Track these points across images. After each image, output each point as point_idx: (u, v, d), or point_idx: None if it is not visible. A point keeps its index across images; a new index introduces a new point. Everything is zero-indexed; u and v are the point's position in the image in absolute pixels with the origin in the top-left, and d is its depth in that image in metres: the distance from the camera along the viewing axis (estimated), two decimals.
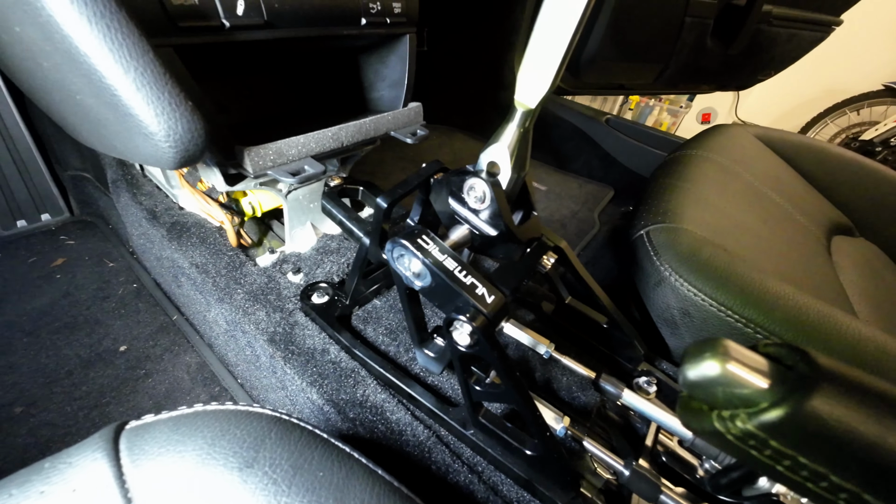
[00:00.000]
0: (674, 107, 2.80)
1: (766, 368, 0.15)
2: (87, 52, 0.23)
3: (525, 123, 0.29)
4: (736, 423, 0.15)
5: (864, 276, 0.66)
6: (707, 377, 0.16)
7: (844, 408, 0.13)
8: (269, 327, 0.43)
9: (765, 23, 1.23)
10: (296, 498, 0.21)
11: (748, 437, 0.15)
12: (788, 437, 0.14)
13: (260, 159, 0.35)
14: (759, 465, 0.15)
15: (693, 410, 0.17)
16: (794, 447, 0.14)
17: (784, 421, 0.14)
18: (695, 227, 0.50)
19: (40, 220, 0.85)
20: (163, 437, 0.23)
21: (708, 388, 0.16)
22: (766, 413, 0.14)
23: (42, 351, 0.65)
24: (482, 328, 0.27)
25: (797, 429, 0.14)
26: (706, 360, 0.16)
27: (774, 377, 0.15)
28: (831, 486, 0.14)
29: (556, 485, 0.32)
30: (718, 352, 0.16)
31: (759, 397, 0.15)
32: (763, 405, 0.14)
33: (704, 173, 0.65)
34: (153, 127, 0.26)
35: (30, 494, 0.19)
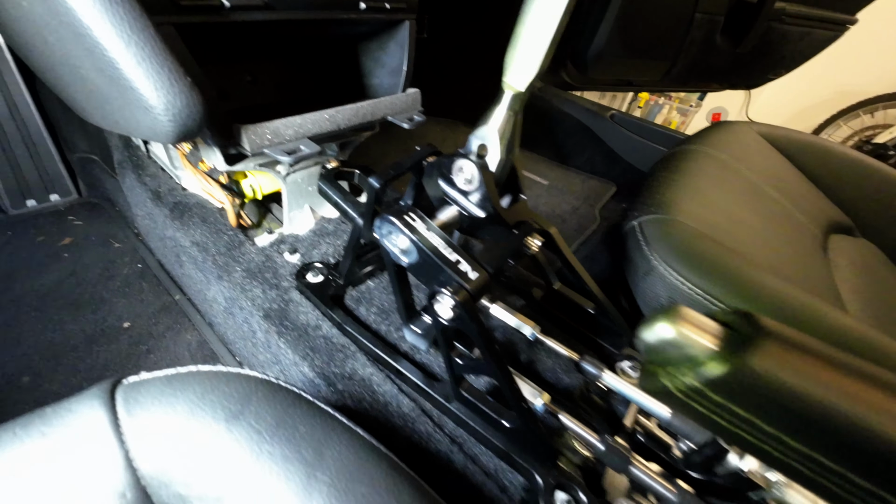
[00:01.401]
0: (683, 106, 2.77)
1: (715, 331, 0.16)
2: (89, 25, 0.24)
3: (514, 107, 0.30)
4: (682, 379, 0.16)
5: (859, 275, 0.66)
6: (661, 339, 0.17)
7: (776, 363, 0.14)
8: (265, 303, 0.45)
9: (777, 20, 1.21)
10: (277, 447, 0.22)
11: (692, 391, 0.16)
12: (725, 390, 0.15)
13: (257, 138, 0.36)
14: (700, 416, 0.16)
15: (648, 373, 0.18)
16: (730, 399, 0.15)
17: (722, 375, 0.15)
18: (687, 219, 0.51)
19: (49, 200, 0.88)
20: (156, 391, 0.24)
21: (662, 349, 0.17)
22: (707, 368, 0.15)
23: (49, 326, 0.67)
24: (463, 302, 0.28)
25: (733, 382, 0.15)
26: (661, 323, 0.17)
27: (720, 338, 0.16)
28: (763, 435, 0.15)
29: (533, 456, 0.33)
30: (673, 316, 0.17)
31: (703, 355, 0.16)
32: (705, 362, 0.15)
33: (702, 168, 0.65)
34: (153, 100, 0.27)
35: (32, 434, 0.21)
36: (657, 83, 1.52)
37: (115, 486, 0.20)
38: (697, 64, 1.35)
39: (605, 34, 1.30)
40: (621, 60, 1.29)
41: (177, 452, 0.21)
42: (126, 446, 0.21)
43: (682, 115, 2.78)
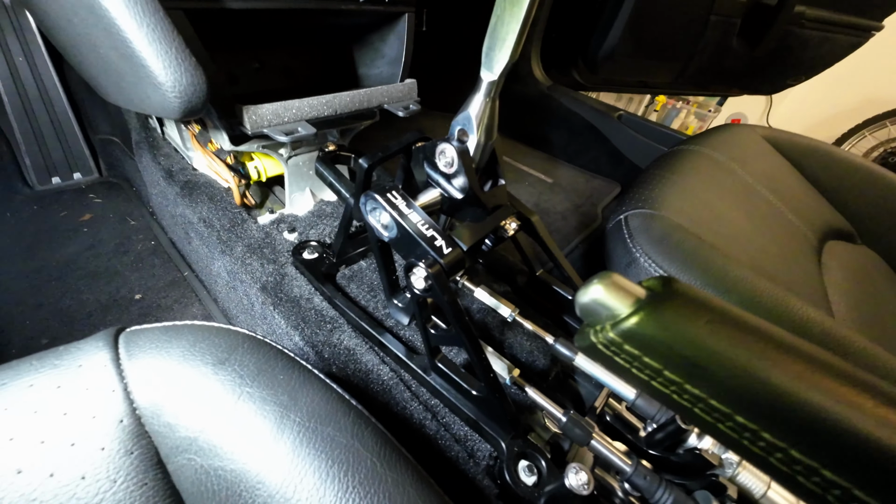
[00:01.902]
0: (702, 111, 2.71)
1: (635, 292, 0.18)
2: (108, 7, 0.27)
3: (490, 93, 0.32)
4: (604, 333, 0.18)
5: (852, 280, 0.66)
6: (592, 299, 0.19)
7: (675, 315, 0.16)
8: (263, 276, 0.48)
9: (796, 24, 1.19)
10: (256, 390, 0.25)
11: (610, 344, 0.18)
12: (636, 341, 0.17)
13: (257, 118, 0.39)
14: (618, 368, 0.18)
15: (581, 332, 0.20)
16: (640, 349, 0.17)
17: (633, 327, 0.17)
18: (671, 214, 0.52)
19: (72, 178, 0.93)
20: (154, 338, 0.27)
21: (592, 308, 0.19)
22: (622, 322, 0.17)
23: (67, 294, 0.72)
24: (436, 274, 0.30)
25: (641, 334, 0.17)
26: (593, 286, 0.19)
27: (638, 297, 0.18)
28: (666, 381, 0.17)
29: (500, 426, 0.35)
30: (603, 280, 0.19)
31: (622, 312, 0.18)
32: (624, 318, 0.17)
33: (696, 167, 0.66)
34: (161, 77, 0.30)
35: (46, 365, 0.24)
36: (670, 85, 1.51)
37: (115, 412, 0.23)
38: (712, 66, 1.33)
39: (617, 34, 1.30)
40: (633, 61, 1.28)
41: (168, 389, 0.24)
42: (125, 381, 0.24)
43: (700, 119, 2.72)
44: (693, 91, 2.11)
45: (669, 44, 1.26)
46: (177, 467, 0.23)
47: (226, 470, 0.22)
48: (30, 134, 0.86)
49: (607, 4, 1.19)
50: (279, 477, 0.22)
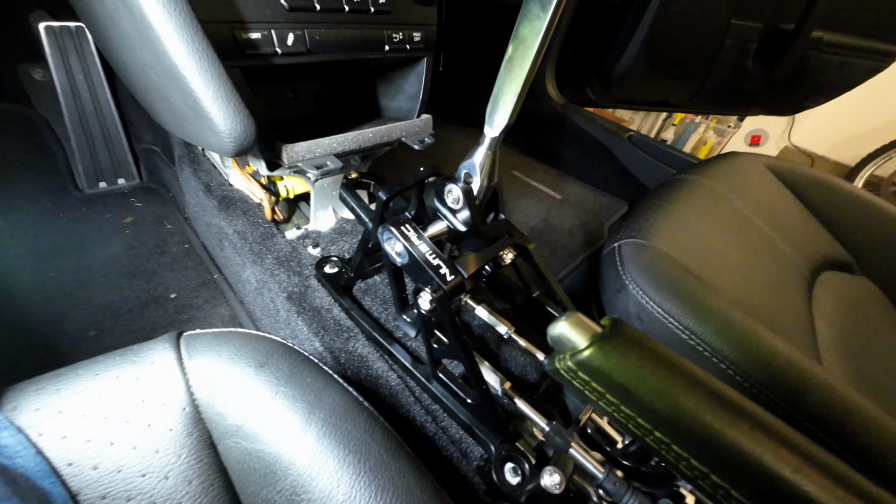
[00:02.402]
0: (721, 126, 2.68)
1: (590, 330, 0.23)
2: (185, 73, 0.34)
3: (492, 146, 0.37)
4: (564, 362, 0.23)
5: (843, 312, 0.69)
6: (559, 333, 0.24)
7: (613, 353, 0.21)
8: (289, 287, 0.54)
9: (813, 49, 1.20)
10: (289, 389, 0.30)
11: (569, 371, 0.23)
12: (586, 370, 0.22)
13: (294, 154, 0.45)
14: (576, 390, 0.23)
15: (550, 358, 0.25)
16: (591, 377, 0.22)
17: (584, 359, 0.22)
18: (663, 245, 0.56)
19: (117, 183, 1.02)
20: (207, 342, 0.33)
21: (559, 341, 0.24)
22: (578, 355, 0.22)
23: (111, 290, 0.80)
24: (440, 298, 0.36)
25: (590, 365, 0.22)
26: (559, 323, 0.24)
27: (595, 335, 0.23)
28: (609, 403, 0.22)
29: (491, 431, 0.40)
30: (568, 319, 0.24)
31: (579, 346, 0.23)
32: (578, 349, 0.23)
33: (691, 197, 0.70)
34: (220, 127, 0.37)
35: (127, 360, 0.30)
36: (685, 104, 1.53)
37: (179, 401, 0.29)
38: (728, 87, 1.35)
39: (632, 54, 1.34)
40: (648, 80, 1.31)
41: (220, 385, 0.30)
42: (187, 377, 0.30)
43: (718, 135, 2.69)
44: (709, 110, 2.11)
45: (684, 65, 1.28)
46: (225, 448, 0.29)
47: (265, 453, 0.28)
48: (83, 143, 0.95)
49: (623, 26, 1.23)
50: (306, 461, 0.27)
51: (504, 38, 0.30)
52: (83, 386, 0.28)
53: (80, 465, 0.25)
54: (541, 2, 0.27)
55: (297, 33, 0.41)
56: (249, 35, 0.39)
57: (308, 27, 0.42)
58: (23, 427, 0.25)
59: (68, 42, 0.87)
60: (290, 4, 0.40)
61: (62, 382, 0.28)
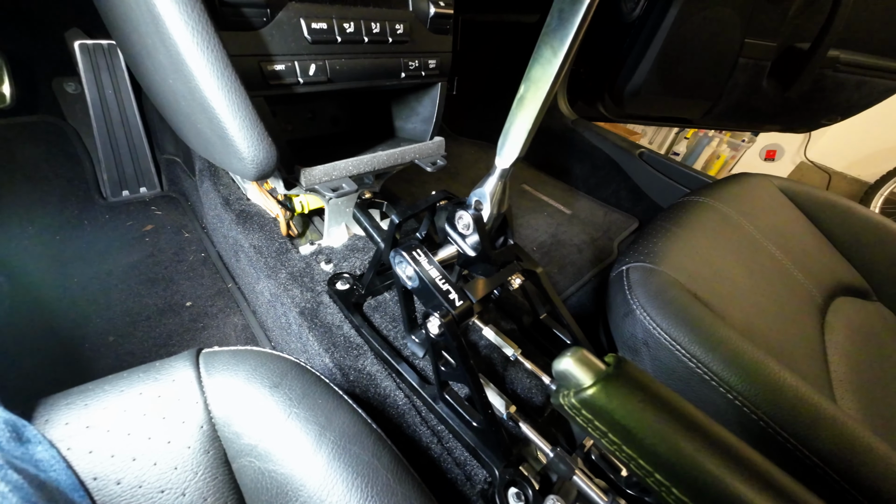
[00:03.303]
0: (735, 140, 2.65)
1: (595, 368, 0.24)
2: (214, 105, 0.36)
3: (503, 177, 0.38)
4: (568, 398, 0.24)
5: (858, 341, 0.68)
6: (563, 369, 0.25)
7: (620, 396, 0.22)
8: (301, 302, 0.55)
9: (830, 68, 1.19)
10: (301, 410, 0.32)
11: (573, 408, 0.24)
12: (590, 408, 0.23)
13: (311, 177, 0.47)
14: (580, 427, 0.24)
15: (555, 391, 0.26)
16: (594, 415, 0.23)
17: (588, 398, 0.23)
18: (671, 271, 0.56)
19: (139, 192, 1.06)
20: (225, 360, 0.35)
21: (563, 376, 0.25)
22: (582, 393, 0.23)
23: (131, 297, 0.82)
24: (448, 323, 0.37)
25: (594, 404, 0.22)
26: (565, 358, 0.25)
27: (598, 373, 0.24)
28: (611, 442, 0.22)
29: (495, 455, 0.41)
30: (574, 355, 0.25)
31: (583, 383, 0.24)
32: (583, 387, 0.23)
33: (701, 221, 0.70)
34: (244, 153, 0.39)
35: (149, 380, 0.32)
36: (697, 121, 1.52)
37: (197, 419, 0.30)
38: (741, 105, 1.34)
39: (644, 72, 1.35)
40: (660, 98, 1.32)
41: (236, 404, 0.32)
42: (205, 394, 0.32)
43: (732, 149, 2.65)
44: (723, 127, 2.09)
45: (697, 83, 1.29)
46: (240, 467, 0.30)
47: (277, 473, 0.29)
48: (109, 153, 0.99)
49: (636, 44, 1.24)
50: (316, 483, 0.28)
51: (514, 54, 0.31)
52: (109, 402, 0.29)
53: (105, 479, 0.26)
54: (552, 48, 0.28)
55: (318, 64, 0.43)
56: (274, 67, 0.41)
57: (329, 58, 0.44)
58: (53, 441, 0.27)
59: (100, 59, 0.91)
60: (312, 38, 0.42)
61: (90, 398, 0.29)
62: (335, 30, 0.42)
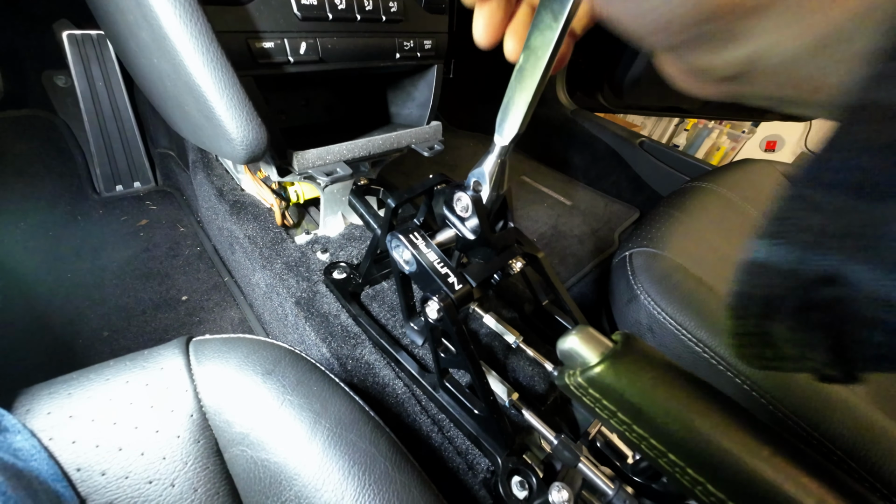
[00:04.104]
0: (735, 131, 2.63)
1: (602, 346, 0.23)
2: (200, 83, 0.34)
3: (502, 155, 0.37)
4: (574, 378, 0.23)
5: None
6: (568, 347, 0.24)
7: (629, 373, 0.21)
8: (297, 292, 0.54)
9: None
10: (295, 398, 0.30)
11: (579, 387, 0.22)
12: (597, 387, 0.21)
13: (304, 161, 0.46)
14: (586, 407, 0.22)
15: (559, 373, 0.25)
16: (602, 395, 0.21)
17: (595, 376, 0.21)
18: (674, 254, 0.55)
19: (133, 186, 1.04)
20: (216, 348, 0.33)
21: (568, 355, 0.24)
22: (588, 371, 0.22)
23: (125, 292, 0.81)
24: (447, 307, 0.35)
25: (601, 382, 0.21)
26: (570, 336, 0.24)
27: (605, 350, 0.22)
28: (620, 422, 0.21)
29: (498, 443, 0.40)
30: (579, 333, 0.24)
31: (589, 361, 0.22)
32: (589, 366, 0.22)
33: (705, 206, 0.69)
34: (233, 134, 0.37)
35: (137, 365, 0.30)
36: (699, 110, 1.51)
37: (187, 407, 0.29)
38: None
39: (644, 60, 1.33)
40: (660, 87, 1.30)
41: (227, 392, 0.30)
42: (195, 383, 0.30)
43: (732, 140, 2.64)
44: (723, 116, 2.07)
45: None
46: (231, 456, 0.29)
47: (270, 462, 0.28)
48: (102, 147, 0.98)
49: None
50: (311, 471, 0.27)
51: None
52: (94, 391, 0.28)
53: (89, 470, 0.25)
54: (552, 12, 0.27)
55: (309, 42, 0.42)
56: (263, 44, 0.39)
57: (320, 36, 0.42)
58: (35, 431, 0.26)
59: (90, 50, 0.90)
60: (302, 14, 0.40)
61: (73, 387, 0.28)
62: (326, 6, 0.41)
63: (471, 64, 1.33)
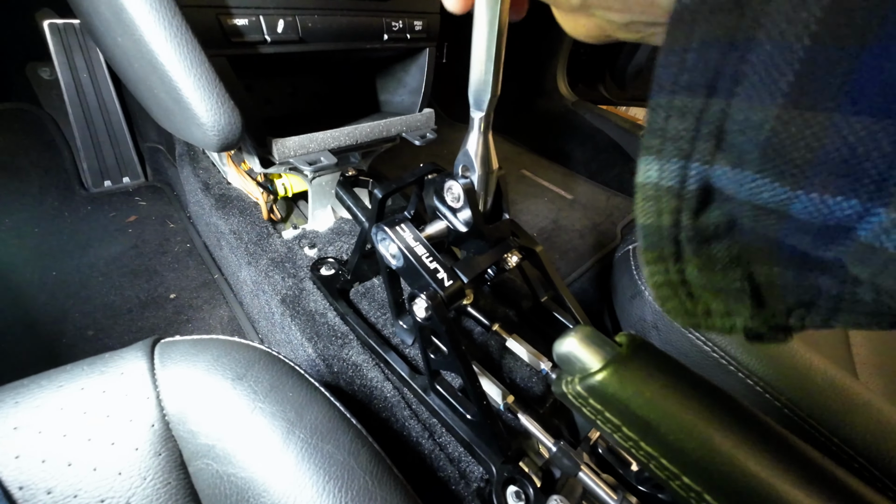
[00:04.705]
0: None
1: (603, 350, 0.20)
2: (163, 60, 0.32)
3: (482, 128, 0.33)
4: (573, 385, 0.20)
5: None
6: (566, 351, 0.21)
7: (636, 381, 0.18)
8: (283, 290, 0.51)
9: None
10: (267, 405, 0.28)
11: (578, 397, 0.19)
12: (599, 397, 0.18)
13: (285, 149, 0.43)
14: (587, 419, 0.20)
15: (556, 379, 0.22)
16: (604, 405, 0.19)
17: (597, 384, 0.19)
18: None
19: (122, 182, 1.02)
20: (184, 350, 0.31)
21: (566, 359, 0.21)
22: (588, 379, 0.19)
23: (112, 290, 0.79)
24: (436, 305, 0.33)
25: (603, 392, 0.18)
26: (568, 338, 0.21)
27: (608, 355, 0.20)
28: (625, 438, 0.18)
29: (492, 450, 0.37)
30: (578, 334, 0.21)
31: (590, 367, 0.19)
32: (590, 372, 0.19)
33: None
34: (203, 119, 0.34)
35: (95, 371, 0.28)
36: None
37: (148, 417, 0.27)
38: None
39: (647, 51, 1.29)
40: None
41: (193, 399, 0.28)
42: (158, 389, 0.28)
43: None
44: None
45: None
46: (196, 470, 0.26)
47: (238, 477, 0.25)
48: (88, 142, 0.95)
49: None
50: (282, 487, 0.24)
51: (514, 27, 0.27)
52: (44, 399, 0.26)
53: (34, 488, 0.23)
54: None
55: (287, 20, 0.39)
56: (235, 21, 0.36)
57: (300, 13, 0.39)
58: None
59: (73, 40, 0.87)
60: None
61: (22, 395, 0.26)
62: None
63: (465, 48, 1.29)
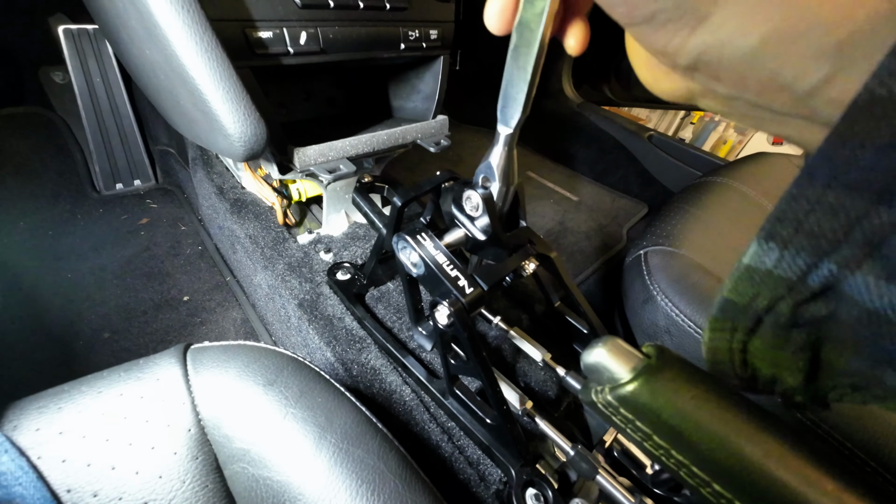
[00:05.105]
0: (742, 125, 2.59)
1: (633, 360, 0.21)
2: (193, 74, 0.32)
3: (507, 144, 0.34)
4: (603, 395, 0.21)
5: None
6: (595, 361, 0.22)
7: (668, 391, 0.19)
8: (300, 294, 0.52)
9: None
10: (298, 410, 0.29)
11: (608, 406, 0.20)
12: (630, 407, 0.19)
13: (305, 158, 0.44)
14: (616, 427, 0.20)
15: (585, 388, 0.23)
16: (635, 415, 0.19)
17: (628, 394, 0.19)
18: (692, 253, 0.53)
19: (133, 184, 1.03)
20: (215, 356, 0.32)
21: (595, 369, 0.22)
22: (619, 389, 0.20)
23: (126, 292, 0.80)
24: (458, 312, 0.33)
25: (635, 401, 0.19)
26: (597, 348, 0.22)
27: (636, 365, 0.20)
28: (656, 446, 0.19)
29: (511, 453, 0.38)
30: (606, 344, 0.22)
31: (620, 377, 0.20)
32: (620, 383, 0.20)
33: (722, 202, 0.66)
34: (230, 129, 0.35)
35: (132, 377, 0.29)
36: None
37: (185, 422, 0.27)
38: None
39: None
40: None
41: (227, 404, 0.29)
42: (192, 394, 0.29)
43: (740, 133, 2.60)
44: None
45: None
46: (232, 473, 0.27)
47: (273, 480, 0.26)
48: (100, 145, 0.96)
49: None
50: (316, 491, 0.25)
51: None
52: (85, 404, 0.26)
53: (80, 491, 0.24)
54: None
55: (309, 32, 0.40)
56: (260, 34, 0.37)
57: (321, 25, 0.40)
58: (23, 449, 0.24)
59: (86, 45, 0.87)
60: (302, 2, 0.38)
61: (64, 400, 0.27)
62: None
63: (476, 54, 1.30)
